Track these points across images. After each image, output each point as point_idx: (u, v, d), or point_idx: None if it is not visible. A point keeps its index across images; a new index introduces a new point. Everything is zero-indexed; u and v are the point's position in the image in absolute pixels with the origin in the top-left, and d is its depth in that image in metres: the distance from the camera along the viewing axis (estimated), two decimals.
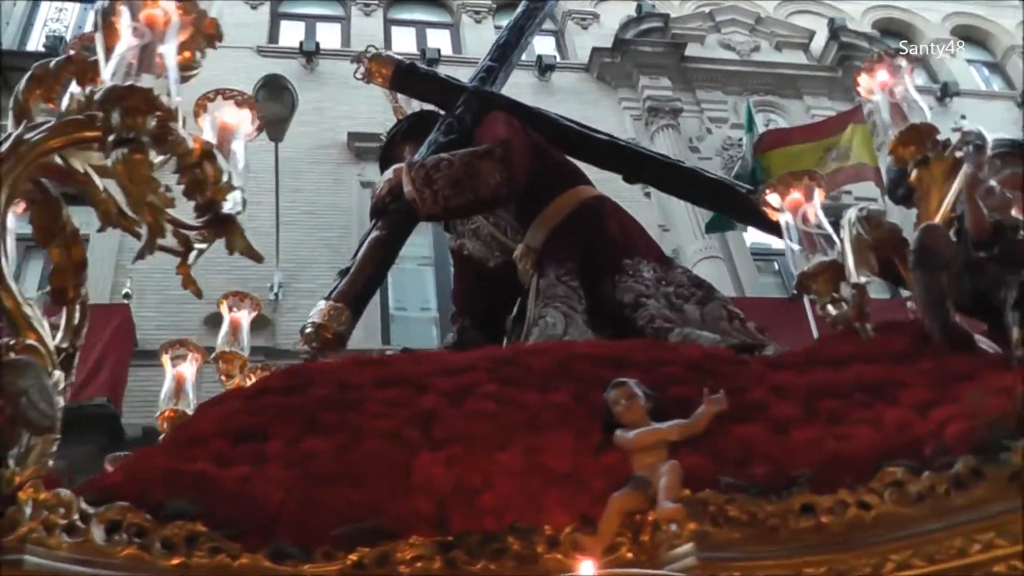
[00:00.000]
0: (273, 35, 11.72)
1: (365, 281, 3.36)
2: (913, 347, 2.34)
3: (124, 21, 2.12)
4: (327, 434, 2.05)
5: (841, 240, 2.57)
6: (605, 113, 10.83)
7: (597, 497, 1.94)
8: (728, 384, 2.24)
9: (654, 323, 3.03)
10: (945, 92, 12.22)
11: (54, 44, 10.17)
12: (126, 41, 2.09)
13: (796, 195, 2.86)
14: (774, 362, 2.44)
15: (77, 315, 2.09)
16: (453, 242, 3.91)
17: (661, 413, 2.09)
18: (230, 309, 4.14)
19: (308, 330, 3.17)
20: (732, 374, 2.28)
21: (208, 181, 2.40)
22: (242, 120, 3.00)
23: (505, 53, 4.09)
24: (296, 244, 9.14)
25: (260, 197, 8.55)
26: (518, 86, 10.78)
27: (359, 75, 3.88)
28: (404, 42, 11.80)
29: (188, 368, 4.04)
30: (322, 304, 3.26)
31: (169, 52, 2.36)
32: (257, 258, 2.36)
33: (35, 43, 10.94)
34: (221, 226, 2.30)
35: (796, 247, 2.77)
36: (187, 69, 2.69)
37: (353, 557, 1.88)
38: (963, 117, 9.66)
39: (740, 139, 9.95)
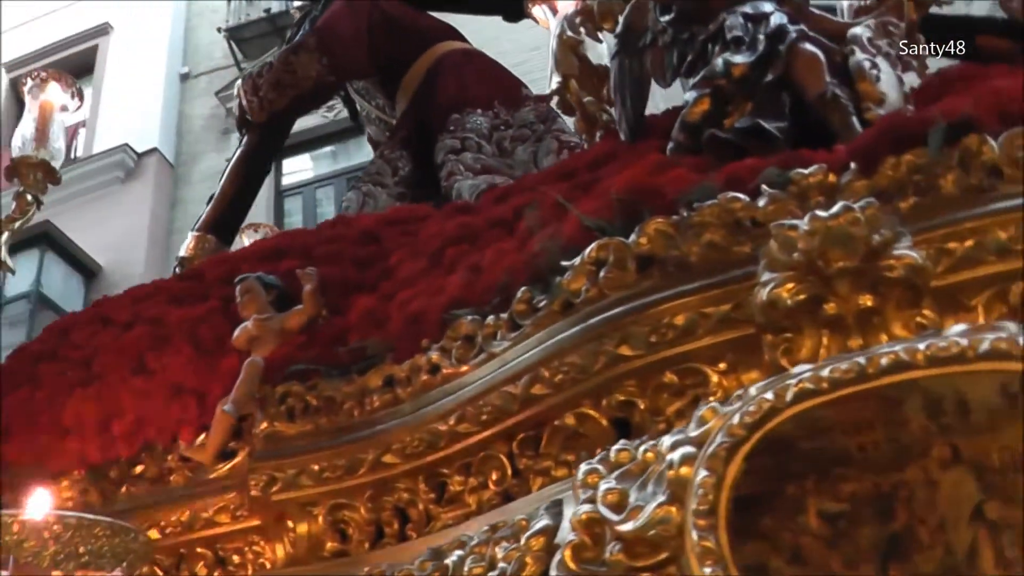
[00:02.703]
0: None
1: (228, 204, 3.43)
2: (610, 151, 1.96)
3: None
4: (18, 389, 2.22)
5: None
6: None
7: (214, 406, 1.93)
8: (380, 249, 2.06)
9: (449, 180, 2.82)
10: None
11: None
12: None
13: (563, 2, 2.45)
14: (461, 207, 2.16)
15: None
16: (368, 131, 3.87)
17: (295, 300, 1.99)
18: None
19: (175, 266, 3.37)
20: (395, 235, 2.08)
21: None
22: (58, 97, 3.20)
23: None
24: None
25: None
26: None
27: None
28: None
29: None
30: (189, 236, 3.42)
31: None
32: None
33: (257, 11, 11.90)
34: None
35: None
36: None
37: None
38: None
39: None
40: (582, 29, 2.17)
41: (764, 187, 1.44)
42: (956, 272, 1.34)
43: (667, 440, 1.15)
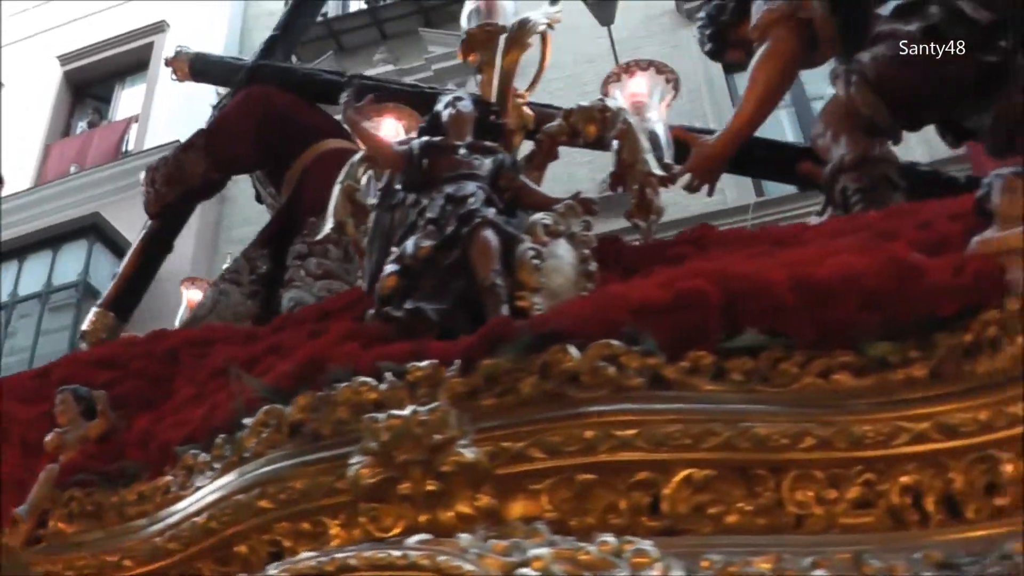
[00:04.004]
0: None
1: (127, 284, 3.94)
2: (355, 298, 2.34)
3: None
4: None
5: None
6: None
7: None
8: (176, 369, 2.49)
9: (286, 286, 3.20)
10: None
11: None
12: None
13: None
14: (247, 335, 2.55)
15: None
16: None
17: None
18: None
19: (79, 337, 3.87)
20: (190, 358, 2.50)
21: None
22: None
23: (292, 19, 4.39)
24: None
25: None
26: None
27: (173, 77, 4.43)
28: None
29: None
30: (92, 312, 3.92)
31: None
32: None
33: (357, 3, 12.17)
34: None
35: None
36: None
37: None
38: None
39: None
40: (368, 174, 2.53)
41: (387, 375, 1.81)
42: (513, 465, 1.69)
43: None
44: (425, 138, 2.32)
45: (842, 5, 3.04)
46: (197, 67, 4.41)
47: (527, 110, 2.66)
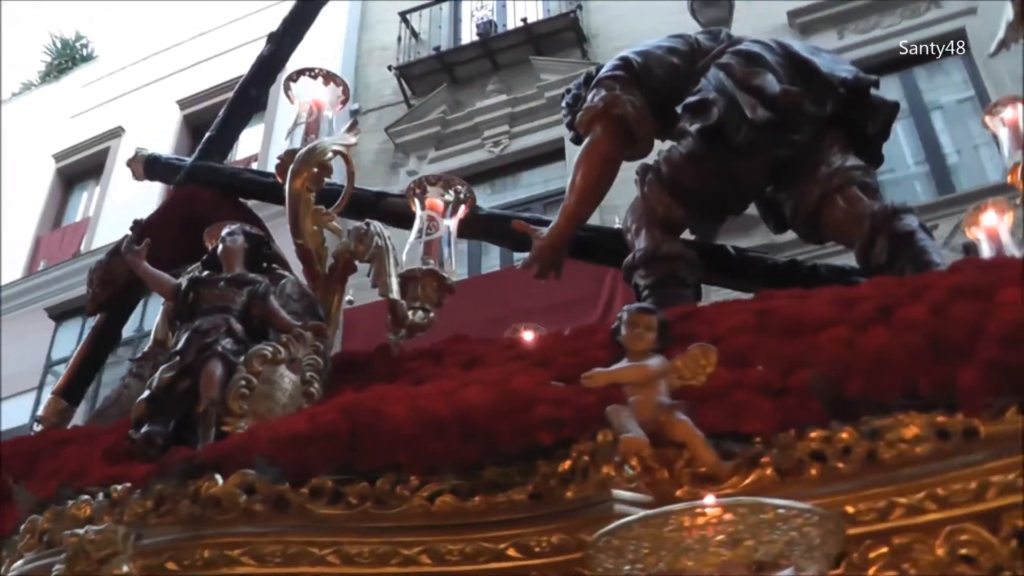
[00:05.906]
0: None
1: (77, 373, 4.62)
2: None
3: None
4: None
5: None
6: None
7: None
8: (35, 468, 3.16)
9: None
10: None
11: (486, 30, 12.31)
12: None
13: None
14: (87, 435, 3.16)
15: None
16: None
17: None
18: None
19: (34, 424, 4.63)
20: (49, 456, 3.14)
21: None
22: None
23: (228, 120, 5.02)
24: None
25: None
26: None
27: (135, 178, 5.19)
28: None
29: None
30: (48, 397, 4.66)
31: None
32: None
33: (468, 35, 13.05)
34: None
35: None
36: None
37: None
38: None
39: None
40: None
41: (99, 495, 2.39)
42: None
43: None
44: (193, 274, 2.88)
45: (654, 102, 3.32)
46: (149, 167, 5.19)
47: (335, 225, 3.15)
